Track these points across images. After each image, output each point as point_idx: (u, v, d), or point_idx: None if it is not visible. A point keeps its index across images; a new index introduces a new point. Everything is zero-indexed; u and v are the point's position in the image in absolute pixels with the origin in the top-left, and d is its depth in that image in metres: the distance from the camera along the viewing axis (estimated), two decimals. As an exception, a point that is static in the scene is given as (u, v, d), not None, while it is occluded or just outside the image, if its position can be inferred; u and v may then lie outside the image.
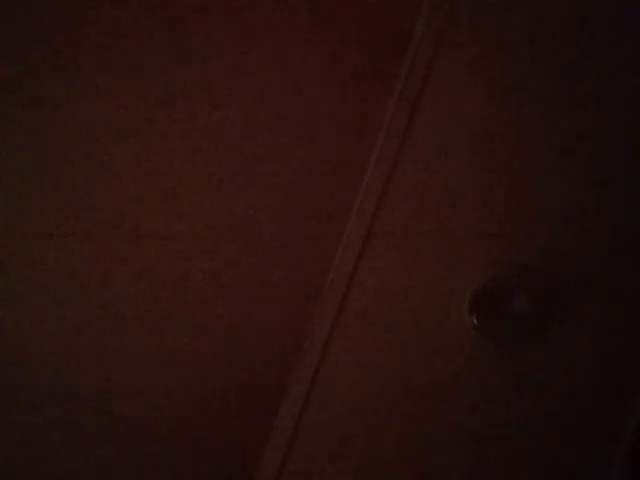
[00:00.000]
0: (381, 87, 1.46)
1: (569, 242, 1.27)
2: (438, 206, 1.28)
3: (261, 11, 1.67)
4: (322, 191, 1.66)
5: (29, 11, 1.65)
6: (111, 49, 1.69)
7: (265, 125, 1.67)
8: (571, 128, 1.28)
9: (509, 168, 1.28)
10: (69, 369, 1.67)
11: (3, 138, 1.65)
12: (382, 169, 1.29)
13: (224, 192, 1.69)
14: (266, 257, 1.67)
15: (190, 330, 1.68)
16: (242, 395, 1.64)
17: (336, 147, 1.66)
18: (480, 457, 1.25)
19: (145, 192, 1.69)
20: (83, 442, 1.65)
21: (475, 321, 1.25)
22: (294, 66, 1.67)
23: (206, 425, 1.64)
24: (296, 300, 1.63)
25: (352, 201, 1.29)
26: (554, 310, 1.26)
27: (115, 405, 1.66)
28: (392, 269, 1.28)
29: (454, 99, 1.29)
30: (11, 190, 1.67)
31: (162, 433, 1.65)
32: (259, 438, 1.31)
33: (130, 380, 1.66)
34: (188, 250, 1.68)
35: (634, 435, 1.22)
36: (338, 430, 1.27)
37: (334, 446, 1.27)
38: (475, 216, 1.28)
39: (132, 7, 1.69)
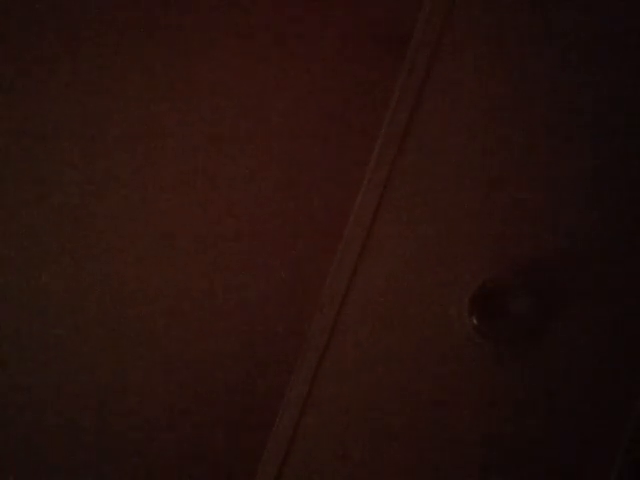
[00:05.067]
0: (381, 87, 1.46)
1: (569, 242, 1.27)
2: (438, 206, 1.28)
3: (262, 12, 1.68)
4: (322, 191, 1.66)
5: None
6: (114, 49, 1.70)
7: (264, 126, 1.68)
8: (572, 128, 1.28)
9: (509, 168, 1.28)
10: (71, 370, 1.67)
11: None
12: (382, 169, 1.29)
13: (224, 193, 1.70)
14: (266, 257, 1.67)
15: (190, 331, 1.68)
16: (242, 395, 1.65)
17: (336, 147, 1.66)
18: (480, 457, 1.25)
19: (146, 193, 1.69)
20: (83, 442, 1.65)
21: (475, 321, 1.25)
22: (294, 67, 1.67)
23: (206, 425, 1.64)
24: (296, 300, 1.63)
25: (352, 201, 1.29)
26: (554, 310, 1.26)
27: (115, 405, 1.66)
28: (392, 269, 1.28)
29: (454, 99, 1.29)
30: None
31: (162, 433, 1.65)
32: (259, 438, 1.31)
33: (130, 380, 1.66)
34: (188, 250, 1.68)
35: (634, 435, 1.22)
36: (338, 430, 1.27)
37: (334, 446, 1.27)
38: (475, 216, 1.28)
39: (134, 10, 1.70)
